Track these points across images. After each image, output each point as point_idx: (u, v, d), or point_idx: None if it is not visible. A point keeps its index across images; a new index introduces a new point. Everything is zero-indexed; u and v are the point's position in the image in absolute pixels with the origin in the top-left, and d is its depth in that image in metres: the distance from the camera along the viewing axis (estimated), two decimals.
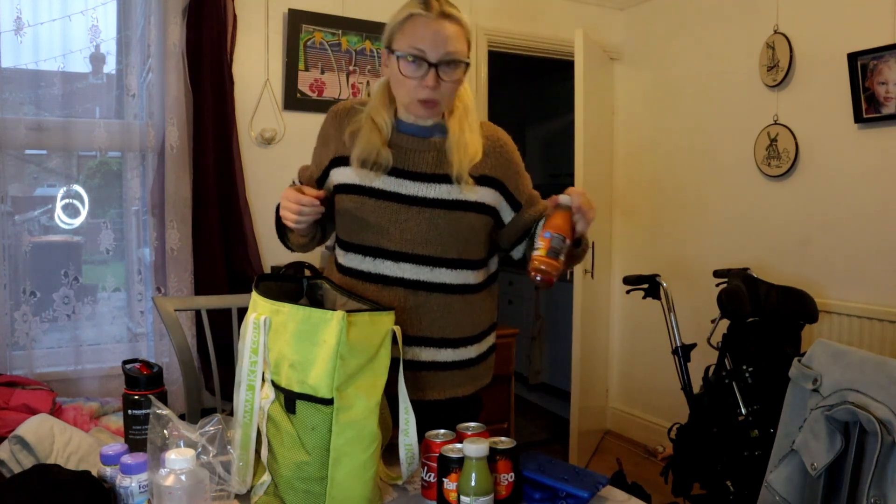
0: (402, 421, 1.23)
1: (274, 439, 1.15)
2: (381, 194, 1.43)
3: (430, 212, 1.42)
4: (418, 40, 1.34)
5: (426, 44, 1.34)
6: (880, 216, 2.72)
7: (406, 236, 1.42)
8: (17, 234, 2.51)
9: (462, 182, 1.41)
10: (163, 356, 2.67)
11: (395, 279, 1.44)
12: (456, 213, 1.43)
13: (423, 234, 1.42)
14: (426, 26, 1.34)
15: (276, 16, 2.96)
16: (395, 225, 1.43)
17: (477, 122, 1.47)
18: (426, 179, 1.42)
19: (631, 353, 3.96)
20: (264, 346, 1.16)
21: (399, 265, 1.44)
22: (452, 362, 1.49)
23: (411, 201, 1.42)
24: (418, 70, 1.35)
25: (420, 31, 1.34)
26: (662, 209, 3.72)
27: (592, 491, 1.18)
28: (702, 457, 2.45)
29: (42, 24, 2.50)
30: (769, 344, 2.40)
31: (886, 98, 2.64)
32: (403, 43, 1.35)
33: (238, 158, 2.82)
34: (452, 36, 1.35)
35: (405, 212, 1.42)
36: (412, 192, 1.42)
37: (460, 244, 1.45)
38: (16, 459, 1.22)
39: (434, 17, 1.34)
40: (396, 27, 1.37)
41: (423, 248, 1.43)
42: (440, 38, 1.34)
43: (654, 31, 3.76)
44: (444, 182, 1.42)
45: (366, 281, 1.46)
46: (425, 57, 1.34)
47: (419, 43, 1.34)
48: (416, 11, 1.35)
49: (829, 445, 1.15)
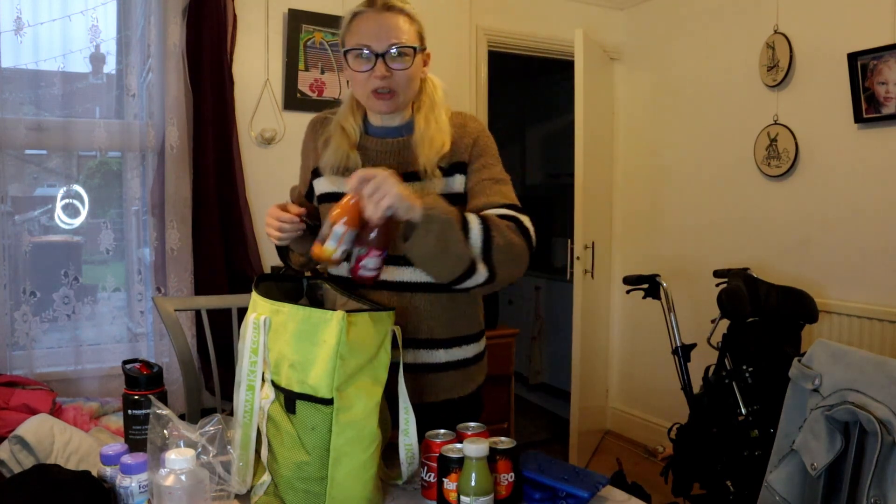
0: (402, 421, 1.23)
1: (274, 439, 1.15)
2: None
3: None
4: (363, 36, 1.37)
5: (370, 37, 1.37)
6: (880, 216, 2.72)
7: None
8: (17, 234, 2.51)
9: (429, 176, 1.41)
10: (163, 356, 2.67)
11: (378, 282, 1.41)
12: None
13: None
14: (369, 20, 1.38)
15: (276, 16, 2.96)
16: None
17: (444, 115, 1.46)
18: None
19: (631, 353, 3.96)
20: (264, 346, 1.16)
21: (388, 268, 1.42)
22: (446, 363, 1.48)
23: None
24: (367, 63, 1.37)
25: (364, 25, 1.38)
26: (662, 209, 3.72)
27: (592, 491, 1.18)
28: (702, 457, 2.45)
29: (42, 24, 2.50)
30: (769, 344, 2.40)
31: (886, 98, 2.64)
32: (351, 41, 1.39)
33: (238, 158, 2.82)
34: (396, 26, 1.38)
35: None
36: None
37: None
38: (16, 459, 1.22)
39: (376, 10, 1.38)
40: (345, 28, 1.41)
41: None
42: (383, 29, 1.37)
43: (654, 31, 3.76)
44: (416, 179, 1.41)
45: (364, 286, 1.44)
46: (371, 49, 1.36)
47: (364, 38, 1.37)
48: (359, 10, 1.40)
49: (829, 445, 1.15)
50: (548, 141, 5.61)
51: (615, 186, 4.01)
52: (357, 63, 1.39)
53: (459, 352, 1.49)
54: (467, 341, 1.51)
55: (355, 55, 1.38)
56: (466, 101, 3.45)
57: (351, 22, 1.40)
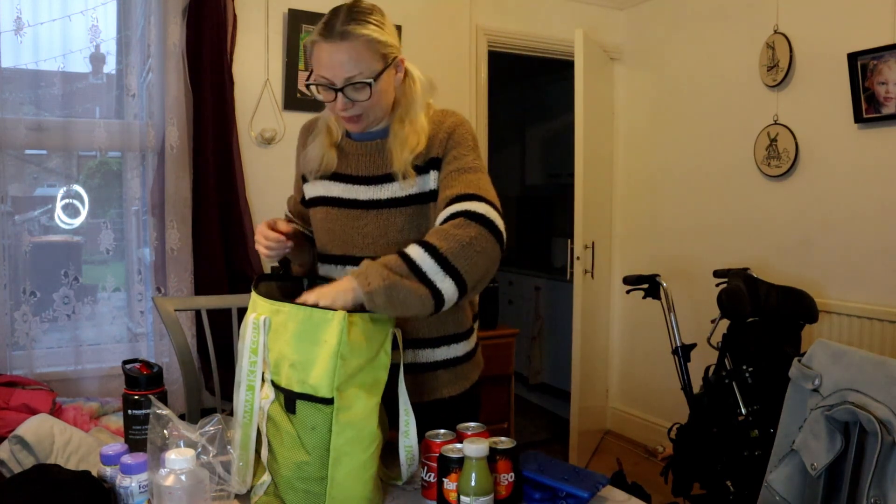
0: (402, 423, 1.23)
1: (274, 439, 1.15)
2: (340, 202, 1.44)
3: (387, 212, 1.41)
4: (322, 68, 1.34)
5: (327, 70, 1.33)
6: (880, 216, 2.72)
7: (368, 240, 1.43)
8: (17, 234, 2.51)
9: (404, 177, 1.39)
10: (163, 356, 2.67)
11: None
12: (410, 208, 1.41)
13: (383, 234, 1.42)
14: (325, 52, 1.32)
15: (276, 16, 2.96)
16: (356, 231, 1.44)
17: (420, 113, 1.42)
18: (377, 181, 1.42)
19: (631, 353, 3.96)
20: (264, 346, 1.16)
21: None
22: (434, 363, 1.47)
23: (367, 205, 1.42)
24: (329, 94, 1.35)
25: (322, 57, 1.33)
26: (662, 209, 3.72)
27: (592, 491, 1.18)
28: (702, 457, 2.45)
29: (42, 24, 2.50)
30: (769, 344, 2.40)
31: (886, 98, 2.64)
32: (314, 70, 1.36)
33: (238, 158, 2.82)
34: (350, 59, 1.31)
35: (364, 216, 1.43)
36: (367, 196, 1.42)
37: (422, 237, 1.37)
38: (16, 459, 1.22)
39: (332, 42, 1.31)
40: (309, 52, 1.37)
41: (385, 248, 1.40)
42: (338, 65, 1.31)
43: (654, 31, 3.76)
44: (386, 181, 1.42)
45: None
46: (331, 83, 1.34)
47: (322, 70, 1.34)
48: (315, 38, 1.33)
49: (829, 445, 1.15)
50: (548, 141, 5.61)
51: (615, 186, 4.01)
52: (321, 94, 1.37)
53: (448, 350, 1.48)
54: (456, 340, 1.50)
55: (316, 87, 1.36)
56: (466, 101, 3.45)
57: (311, 49, 1.36)
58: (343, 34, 1.30)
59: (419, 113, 1.42)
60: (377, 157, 1.44)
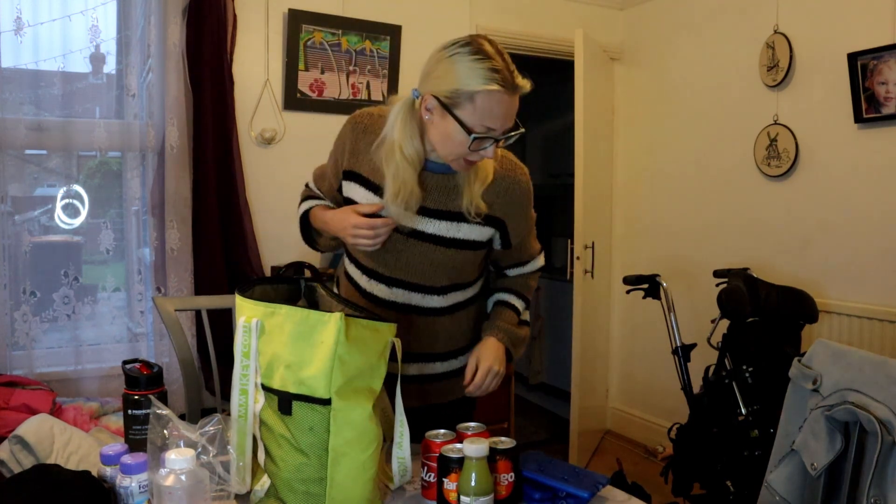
0: (397, 434, 1.23)
1: (269, 443, 1.15)
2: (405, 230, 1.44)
3: (426, 246, 1.43)
4: (493, 119, 1.28)
5: (499, 122, 1.29)
6: (880, 216, 2.72)
7: (400, 265, 1.46)
8: (17, 234, 2.51)
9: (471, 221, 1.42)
10: (163, 356, 2.67)
11: (387, 302, 1.49)
12: (451, 251, 1.44)
13: (416, 265, 1.45)
14: (502, 104, 1.28)
15: (276, 16, 2.96)
16: (392, 254, 1.45)
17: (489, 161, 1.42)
18: (428, 214, 1.42)
19: (631, 353, 3.96)
20: (255, 349, 1.16)
21: (392, 290, 1.48)
22: (442, 374, 1.56)
23: (410, 234, 1.43)
24: (481, 144, 1.30)
25: (496, 108, 1.28)
26: (662, 209, 3.72)
27: (592, 491, 1.18)
28: (702, 457, 2.45)
29: (42, 24, 2.50)
30: (769, 344, 2.40)
31: (886, 98, 2.64)
32: (474, 117, 1.28)
33: (238, 158, 2.82)
34: (517, 108, 1.31)
35: (403, 243, 1.44)
36: (430, 230, 1.42)
37: (453, 274, 1.48)
38: (16, 459, 1.22)
39: (510, 93, 1.28)
40: (468, 94, 1.27)
41: (417, 277, 1.46)
42: (510, 114, 1.30)
43: (654, 31, 3.76)
44: (445, 219, 1.42)
45: (361, 296, 1.52)
46: (494, 134, 1.30)
47: (492, 122, 1.28)
48: (494, 88, 1.26)
49: (829, 445, 1.15)
50: (548, 141, 5.61)
51: (615, 186, 4.01)
52: (473, 143, 1.30)
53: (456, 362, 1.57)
54: (463, 351, 1.58)
55: (474, 136, 1.28)
56: None
57: (481, 96, 1.26)
58: (519, 88, 1.30)
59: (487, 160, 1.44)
60: (452, 192, 1.42)
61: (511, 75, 1.28)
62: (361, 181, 1.46)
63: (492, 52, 1.28)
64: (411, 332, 1.49)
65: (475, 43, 1.29)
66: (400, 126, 1.37)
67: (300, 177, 3.04)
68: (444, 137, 1.33)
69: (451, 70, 1.28)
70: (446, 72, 1.29)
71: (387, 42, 3.16)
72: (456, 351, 1.57)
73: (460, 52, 1.29)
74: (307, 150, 3.06)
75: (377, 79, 3.17)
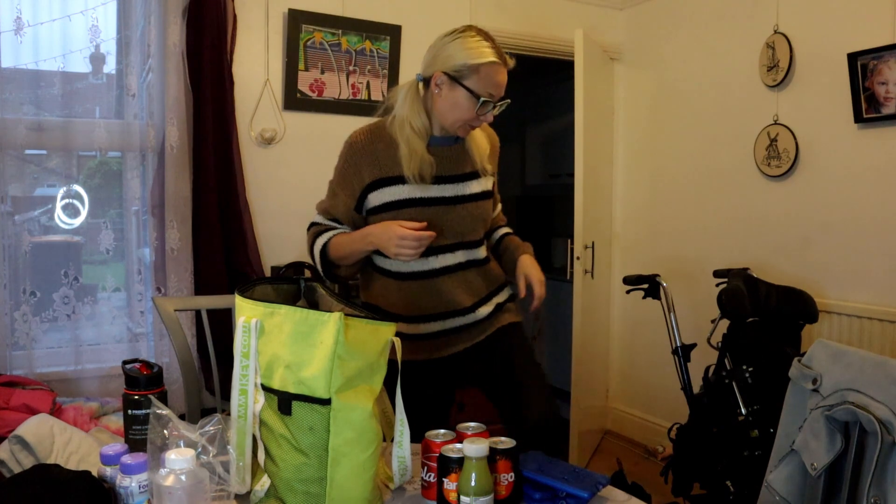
0: (397, 433, 1.23)
1: (269, 443, 1.15)
2: (432, 201, 1.69)
3: (470, 205, 1.73)
4: (494, 86, 1.62)
5: (498, 89, 1.63)
6: (880, 216, 2.72)
7: (457, 229, 1.73)
8: (17, 234, 2.51)
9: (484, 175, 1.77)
10: (163, 356, 2.67)
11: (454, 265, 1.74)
12: (481, 203, 1.76)
13: (467, 224, 1.74)
14: (500, 74, 1.62)
15: (276, 16, 2.96)
16: (446, 224, 1.71)
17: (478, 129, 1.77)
18: (460, 179, 1.73)
19: (631, 353, 3.96)
20: (255, 349, 1.16)
21: (455, 254, 1.74)
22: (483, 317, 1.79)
23: (454, 200, 1.71)
24: (484, 108, 1.62)
25: (496, 78, 1.61)
26: (662, 209, 3.72)
27: (592, 491, 1.18)
28: (702, 457, 2.45)
29: (42, 24, 2.50)
30: (769, 344, 2.40)
31: (886, 98, 2.64)
32: (479, 84, 1.60)
33: (238, 158, 2.82)
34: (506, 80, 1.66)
35: (452, 211, 1.71)
36: (453, 193, 1.71)
37: (484, 225, 1.81)
38: (16, 459, 1.22)
39: (505, 66, 1.63)
40: (472, 67, 1.59)
41: (470, 235, 1.76)
42: (504, 84, 1.64)
43: (654, 31, 3.76)
44: (471, 178, 1.74)
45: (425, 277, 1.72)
46: (493, 99, 1.63)
47: (494, 89, 1.62)
48: (494, 60, 1.60)
49: (829, 445, 1.15)
50: (548, 141, 5.61)
51: (615, 187, 4.01)
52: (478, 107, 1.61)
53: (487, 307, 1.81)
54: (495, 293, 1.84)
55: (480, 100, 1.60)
56: None
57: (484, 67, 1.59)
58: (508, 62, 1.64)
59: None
60: (460, 159, 1.74)
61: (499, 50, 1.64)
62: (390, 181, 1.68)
63: (486, 35, 1.64)
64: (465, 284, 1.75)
65: (473, 28, 1.64)
66: (409, 104, 1.67)
67: (300, 177, 3.07)
68: (453, 106, 1.63)
69: (458, 49, 1.60)
70: (455, 51, 1.60)
71: (387, 42, 3.16)
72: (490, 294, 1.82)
73: (463, 35, 1.62)
74: (307, 150, 3.06)
75: (377, 79, 3.17)
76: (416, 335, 1.75)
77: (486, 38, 1.62)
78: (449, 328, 1.76)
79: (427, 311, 1.74)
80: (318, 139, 3.08)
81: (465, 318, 1.77)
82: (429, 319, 1.75)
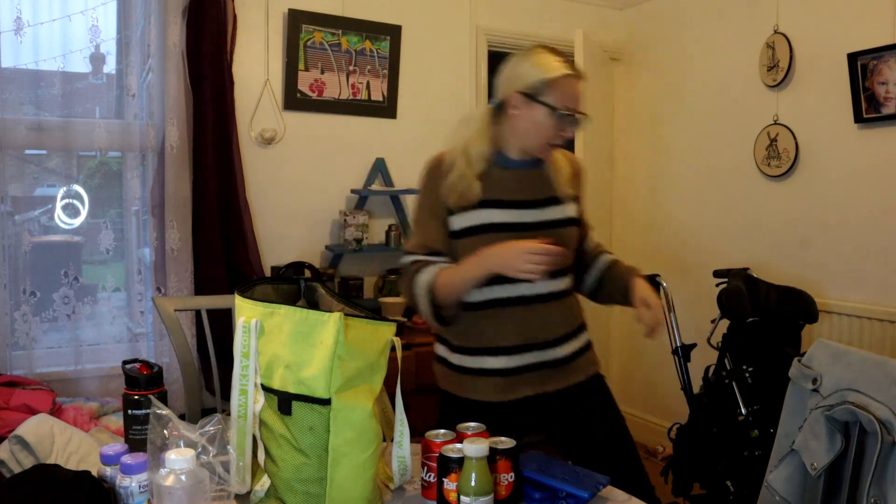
0: (397, 433, 1.23)
1: (269, 443, 1.15)
2: (513, 227, 1.60)
3: (552, 231, 1.62)
4: (572, 100, 1.57)
5: (576, 102, 1.58)
6: (880, 216, 2.72)
7: None
8: (17, 234, 2.51)
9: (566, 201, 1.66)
10: (163, 356, 2.67)
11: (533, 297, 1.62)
12: (566, 230, 1.66)
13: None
14: (576, 87, 1.58)
15: (276, 16, 2.96)
16: None
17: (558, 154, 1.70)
18: (540, 205, 1.64)
19: (631, 353, 3.96)
20: (255, 350, 1.16)
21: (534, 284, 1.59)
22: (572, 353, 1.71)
23: (536, 227, 1.61)
24: (564, 122, 1.57)
25: (572, 91, 1.57)
26: (662, 209, 3.72)
27: (592, 491, 1.18)
28: (702, 457, 2.45)
29: (42, 24, 2.50)
30: (769, 344, 2.40)
31: (886, 98, 2.64)
32: (556, 98, 1.55)
33: (238, 158, 2.82)
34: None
35: (532, 237, 1.55)
36: (536, 219, 1.62)
37: (570, 254, 1.68)
38: (16, 459, 1.22)
39: (580, 79, 1.59)
40: (548, 82, 1.55)
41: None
42: (580, 97, 1.59)
43: (654, 32, 3.75)
44: (552, 204, 1.65)
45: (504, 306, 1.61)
46: (573, 113, 1.57)
47: (572, 102, 1.57)
48: (569, 72, 1.56)
49: (829, 445, 1.15)
50: None
51: (615, 186, 4.01)
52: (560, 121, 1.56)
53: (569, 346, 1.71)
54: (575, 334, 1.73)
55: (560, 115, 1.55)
56: (466, 101, 3.45)
57: (560, 81, 1.54)
58: (582, 74, 1.60)
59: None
60: (538, 183, 1.65)
61: (575, 65, 1.59)
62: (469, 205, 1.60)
63: (555, 50, 1.60)
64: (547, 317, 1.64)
65: (541, 46, 1.62)
66: (475, 129, 1.63)
67: (300, 177, 3.07)
68: (532, 125, 1.58)
69: (530, 67, 1.57)
70: (527, 69, 1.57)
71: (387, 42, 3.16)
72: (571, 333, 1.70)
73: (533, 53, 1.59)
74: (307, 150, 3.06)
75: (377, 79, 3.17)
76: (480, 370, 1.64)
77: (556, 53, 1.59)
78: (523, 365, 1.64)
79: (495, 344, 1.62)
80: (318, 139, 3.08)
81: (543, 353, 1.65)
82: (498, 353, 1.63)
